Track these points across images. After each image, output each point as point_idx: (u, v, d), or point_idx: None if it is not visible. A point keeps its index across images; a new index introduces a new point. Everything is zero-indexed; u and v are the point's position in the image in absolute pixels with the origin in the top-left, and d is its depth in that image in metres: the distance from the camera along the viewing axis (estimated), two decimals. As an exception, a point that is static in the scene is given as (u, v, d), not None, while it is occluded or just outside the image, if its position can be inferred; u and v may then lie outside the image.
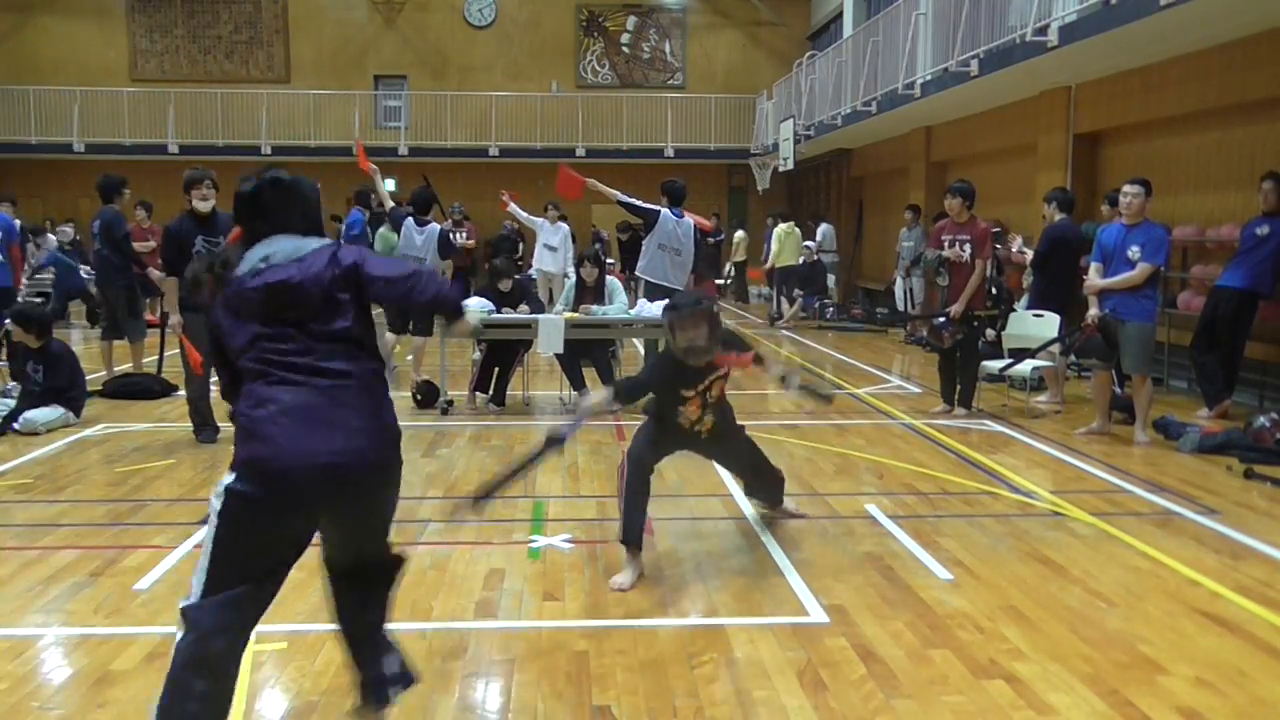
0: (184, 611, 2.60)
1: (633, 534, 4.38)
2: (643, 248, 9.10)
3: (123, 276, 9.42)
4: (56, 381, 7.59)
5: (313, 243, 2.74)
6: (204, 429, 7.16)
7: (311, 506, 2.63)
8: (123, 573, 4.43)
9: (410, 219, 9.27)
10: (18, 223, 13.37)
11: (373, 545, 2.96)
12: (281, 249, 2.70)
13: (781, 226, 16.41)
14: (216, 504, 2.59)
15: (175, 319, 6.93)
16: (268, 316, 2.65)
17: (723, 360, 4.50)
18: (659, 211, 8.85)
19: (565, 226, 15.64)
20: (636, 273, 9.34)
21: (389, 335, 9.07)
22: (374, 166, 9.71)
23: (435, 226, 9.22)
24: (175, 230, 7.00)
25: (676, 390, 4.56)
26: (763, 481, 5.21)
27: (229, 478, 2.58)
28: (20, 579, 4.37)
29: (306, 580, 4.34)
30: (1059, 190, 9.01)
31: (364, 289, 2.71)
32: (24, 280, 9.90)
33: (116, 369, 9.93)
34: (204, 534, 2.65)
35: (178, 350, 7.37)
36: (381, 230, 14.63)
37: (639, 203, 9.04)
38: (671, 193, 9.06)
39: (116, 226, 9.27)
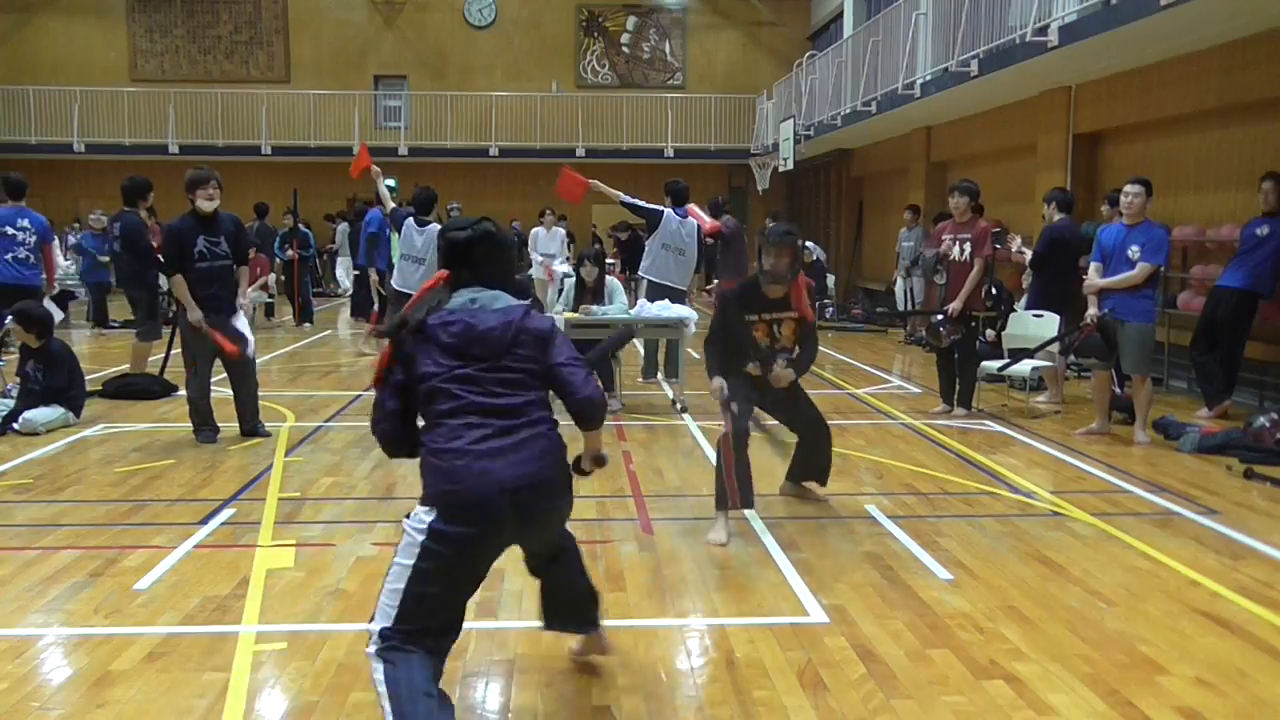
0: (382, 644, 2.75)
1: (727, 500, 4.92)
2: (646, 248, 9.13)
3: (143, 280, 9.40)
4: (56, 381, 7.59)
5: (508, 298, 3.02)
6: (203, 429, 7.16)
7: (502, 530, 2.85)
8: (123, 573, 4.43)
9: (411, 219, 9.28)
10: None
11: (554, 548, 3.31)
12: (484, 296, 2.98)
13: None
14: (416, 537, 2.77)
15: (196, 315, 6.88)
16: (463, 354, 2.88)
17: (797, 296, 5.09)
18: (662, 212, 8.90)
19: (561, 231, 15.63)
20: (640, 273, 9.36)
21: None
22: (376, 168, 9.72)
23: (435, 226, 9.23)
24: (177, 230, 6.97)
25: (744, 316, 5.12)
26: (819, 449, 5.55)
27: (426, 513, 2.78)
28: (20, 579, 4.36)
29: (306, 581, 4.35)
30: (1059, 190, 9.01)
31: (545, 354, 2.98)
32: (55, 282, 9.85)
33: (116, 369, 9.93)
34: (395, 565, 2.78)
35: (179, 350, 7.35)
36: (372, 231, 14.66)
37: (642, 203, 9.09)
38: (675, 193, 9.12)
39: (139, 237, 9.21)
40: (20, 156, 21.60)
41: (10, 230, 9.04)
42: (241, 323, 7.22)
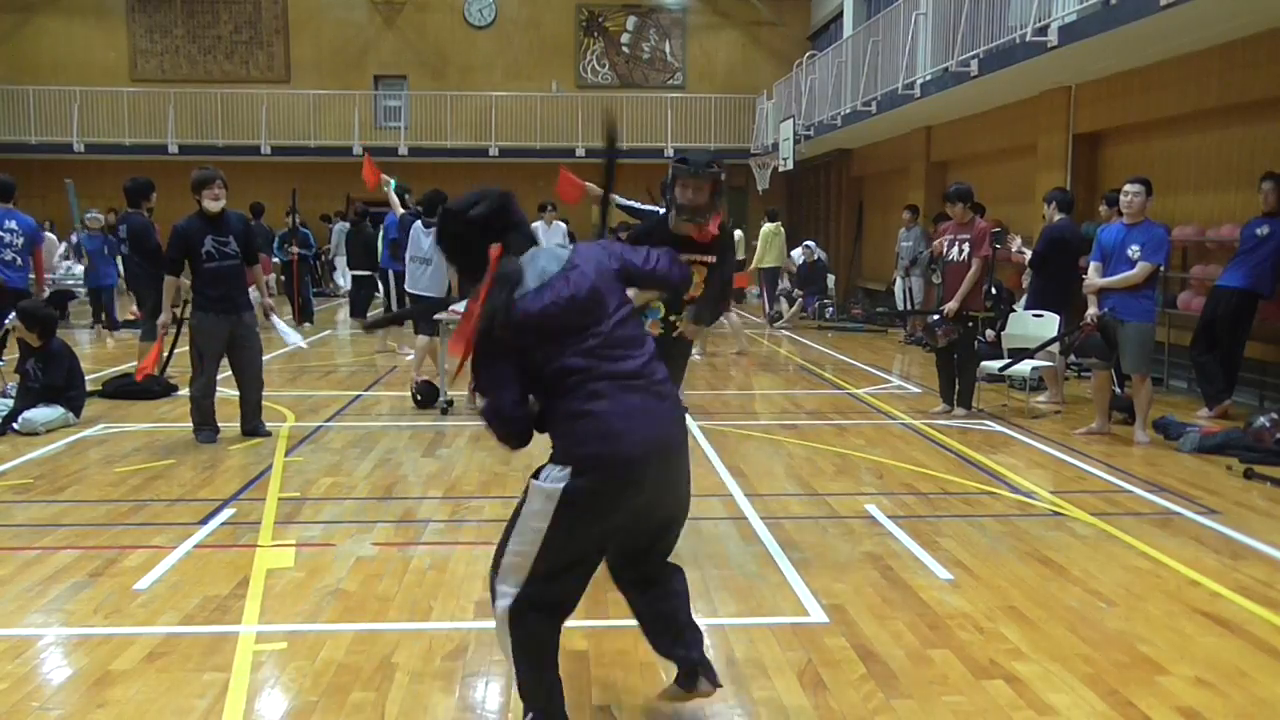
0: (513, 606, 2.77)
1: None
2: None
3: (153, 280, 9.37)
4: (54, 380, 7.59)
5: (563, 250, 2.88)
6: (203, 428, 7.16)
7: (642, 489, 2.77)
8: (123, 573, 4.43)
9: (419, 221, 9.30)
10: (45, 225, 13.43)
11: (680, 514, 3.07)
12: (548, 259, 2.82)
13: (768, 226, 16.26)
14: (548, 503, 2.70)
15: (166, 318, 6.99)
16: (571, 326, 2.75)
17: (712, 237, 4.55)
18: (658, 212, 8.88)
19: (563, 226, 15.62)
20: None
21: (421, 337, 9.06)
22: (385, 176, 9.78)
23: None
24: (184, 230, 6.99)
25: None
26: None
27: (560, 473, 2.70)
28: (20, 579, 4.36)
29: (306, 581, 4.35)
30: (1059, 190, 9.01)
31: (629, 276, 2.94)
32: (45, 286, 9.83)
33: (117, 369, 9.94)
34: (523, 528, 2.75)
35: (188, 349, 7.35)
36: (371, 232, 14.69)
37: (638, 204, 9.07)
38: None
39: (147, 237, 9.21)
40: (20, 156, 21.60)
41: None
42: (282, 327, 7.26)
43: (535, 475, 2.77)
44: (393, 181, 10.42)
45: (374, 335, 12.70)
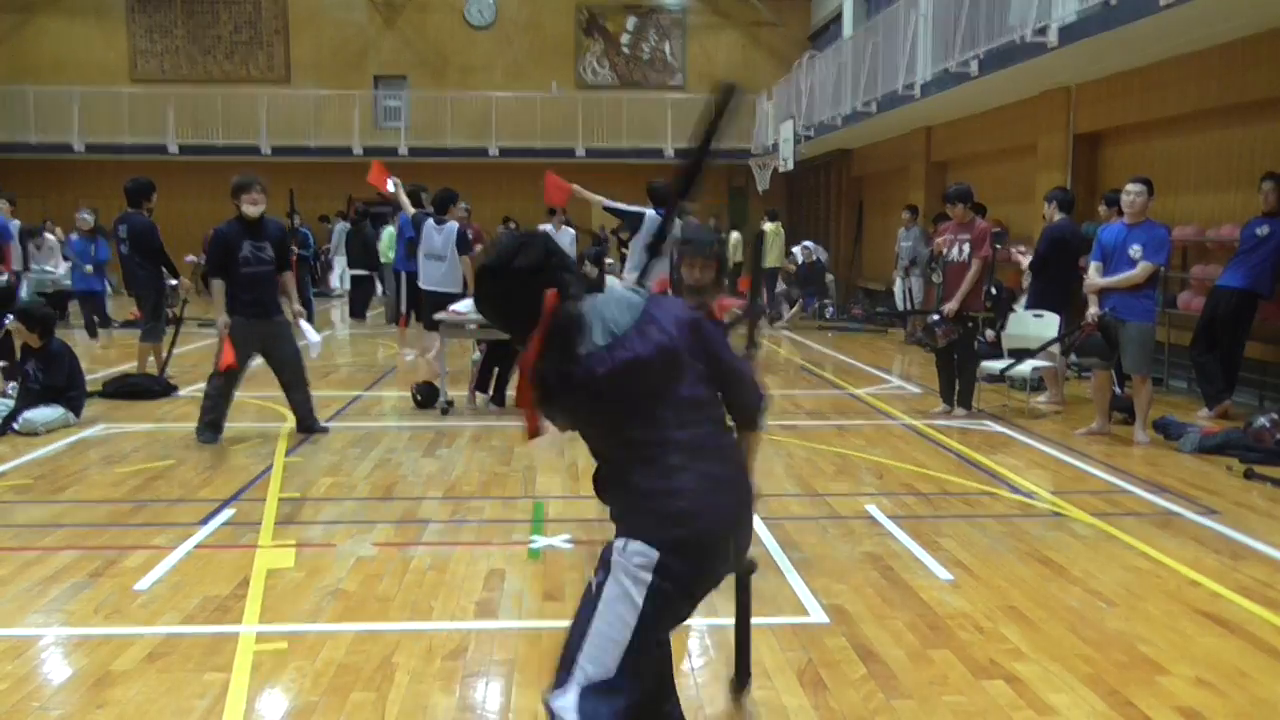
0: (604, 692, 2.32)
1: None
2: (629, 249, 9.21)
3: (152, 280, 9.39)
4: (54, 380, 7.58)
5: (635, 297, 2.45)
6: (207, 429, 7.15)
7: (729, 559, 2.52)
8: (123, 573, 4.43)
9: (430, 219, 9.35)
10: (16, 223, 13.33)
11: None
12: (617, 308, 2.40)
13: (768, 226, 16.31)
14: (638, 587, 2.33)
15: (223, 320, 6.99)
16: (646, 391, 2.38)
17: (723, 307, 4.24)
18: (644, 214, 8.97)
19: (571, 231, 15.67)
20: (625, 273, 9.45)
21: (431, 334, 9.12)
22: (395, 180, 9.85)
23: (454, 224, 9.37)
24: (224, 235, 7.06)
25: None
26: None
27: (645, 553, 2.33)
28: (20, 579, 4.36)
29: (306, 581, 4.35)
30: (1059, 190, 8.99)
31: (707, 352, 2.51)
32: (18, 275, 9.87)
33: (117, 369, 9.93)
34: (607, 614, 2.33)
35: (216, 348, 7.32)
36: (388, 229, 14.81)
37: (622, 206, 9.28)
38: (656, 194, 9.17)
39: (151, 237, 9.20)
40: (20, 156, 21.62)
41: None
42: (308, 330, 7.30)
43: (616, 551, 2.39)
44: (400, 182, 10.52)
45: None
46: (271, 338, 7.16)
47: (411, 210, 10.07)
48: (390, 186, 10.31)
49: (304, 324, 7.47)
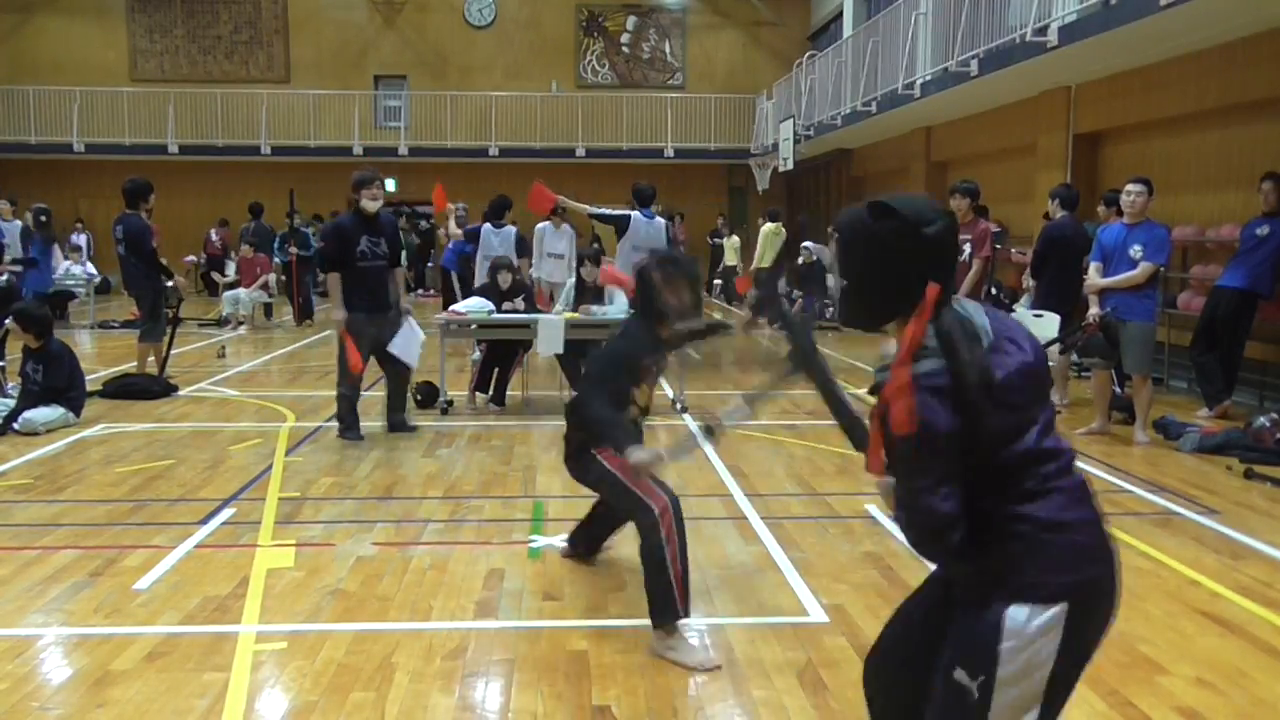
0: None
1: (677, 608, 3.69)
2: (617, 250, 9.53)
3: (149, 281, 9.39)
4: (55, 381, 7.58)
5: (976, 305, 2.10)
6: (350, 430, 7.21)
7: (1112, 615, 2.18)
8: (123, 573, 4.43)
9: (488, 224, 9.77)
10: (17, 223, 13.35)
11: None
12: (976, 312, 2.05)
13: (768, 226, 16.31)
14: (1050, 646, 1.96)
15: (340, 314, 7.06)
16: (1031, 403, 2.03)
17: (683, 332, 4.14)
18: (629, 216, 9.31)
19: (571, 231, 15.73)
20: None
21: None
22: (450, 206, 10.12)
23: (511, 228, 9.58)
24: (343, 227, 7.16)
25: (641, 365, 4.02)
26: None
27: (1046, 612, 1.95)
28: (20, 579, 4.36)
29: (306, 581, 4.35)
30: (1063, 187, 8.89)
31: None
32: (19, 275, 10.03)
33: (117, 369, 9.93)
34: (1012, 690, 1.96)
35: (339, 348, 7.26)
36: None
37: (608, 211, 9.73)
38: (641, 195, 9.57)
39: (145, 239, 9.18)
40: (20, 156, 21.63)
41: None
42: (412, 325, 7.34)
43: (1002, 622, 1.95)
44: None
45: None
46: (385, 331, 7.24)
47: (457, 232, 10.29)
48: (450, 210, 10.65)
49: (410, 321, 7.48)
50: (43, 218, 13.58)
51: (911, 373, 1.91)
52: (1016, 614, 1.94)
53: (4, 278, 11.21)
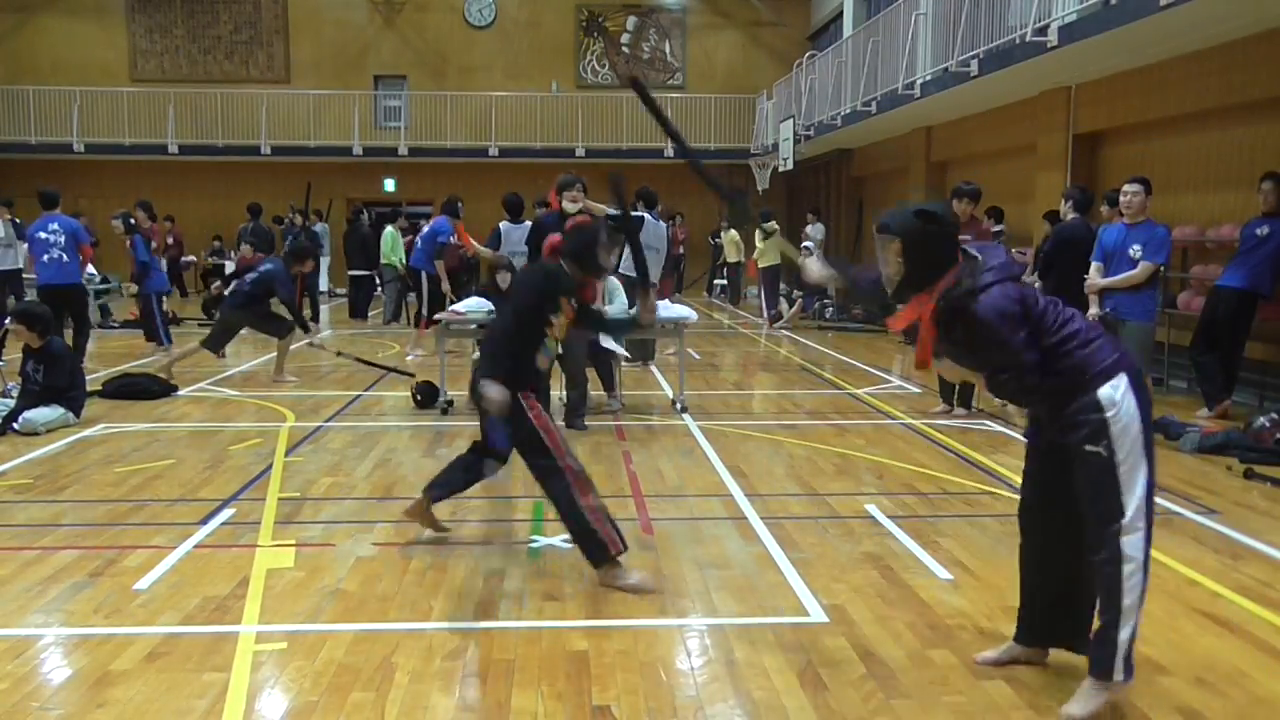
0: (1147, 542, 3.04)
1: (608, 547, 4.26)
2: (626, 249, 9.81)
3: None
4: (56, 381, 7.58)
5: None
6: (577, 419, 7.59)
7: None
8: (123, 573, 4.43)
9: (506, 222, 10.00)
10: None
11: None
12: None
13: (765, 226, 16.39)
14: (1128, 404, 3.02)
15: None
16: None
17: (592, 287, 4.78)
18: (643, 217, 9.88)
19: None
20: (620, 271, 9.79)
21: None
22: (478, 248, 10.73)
23: (528, 224, 9.69)
24: (547, 225, 7.46)
25: (558, 300, 4.47)
26: None
27: (1117, 382, 3.05)
28: (20, 579, 4.36)
29: (306, 580, 4.35)
30: (1077, 188, 8.80)
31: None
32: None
33: (116, 369, 9.93)
34: (1124, 444, 3.01)
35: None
36: (389, 229, 15.02)
37: (617, 213, 9.89)
38: (646, 197, 10.20)
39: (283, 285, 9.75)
40: (20, 156, 21.62)
41: (43, 235, 10.08)
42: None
43: (1075, 426, 3.04)
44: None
45: None
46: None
47: (489, 254, 10.45)
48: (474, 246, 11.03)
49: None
50: (131, 220, 13.46)
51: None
52: (1101, 391, 3.02)
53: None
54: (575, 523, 4.24)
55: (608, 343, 7.87)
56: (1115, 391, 3.01)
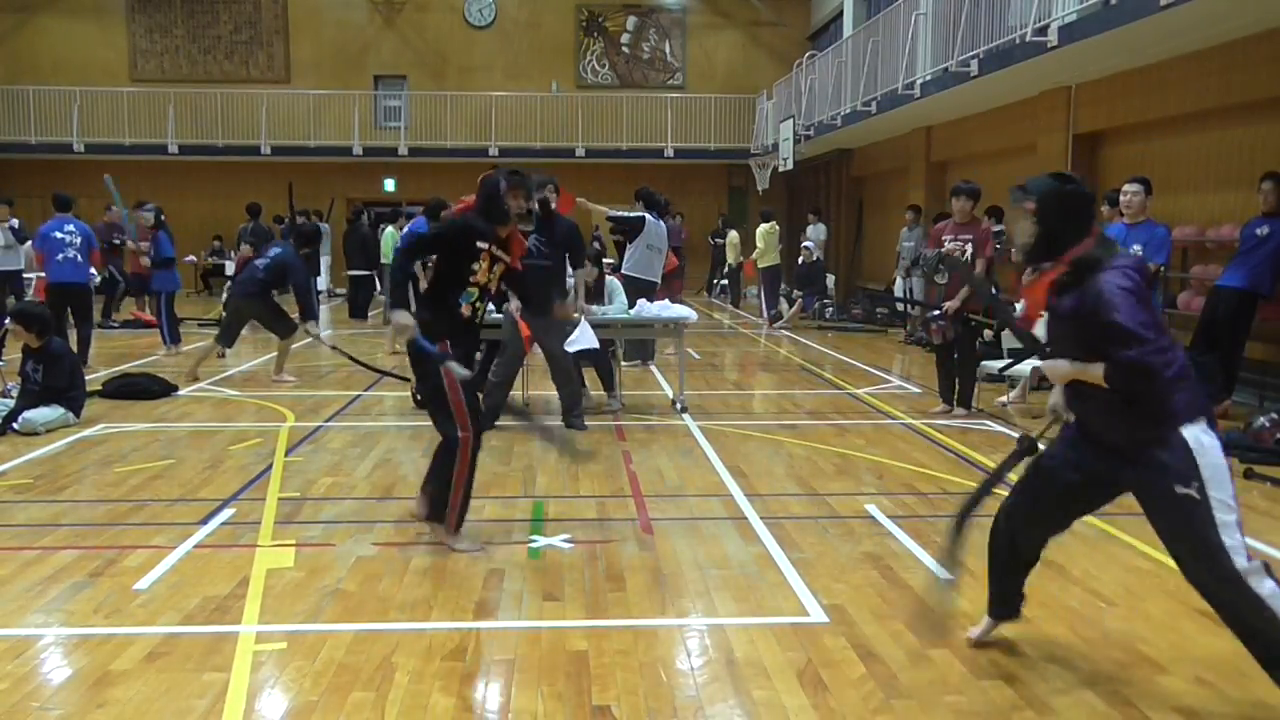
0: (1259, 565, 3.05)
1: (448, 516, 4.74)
2: (629, 249, 10.13)
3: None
4: (55, 381, 7.58)
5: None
6: (578, 420, 7.63)
7: None
8: (123, 573, 4.43)
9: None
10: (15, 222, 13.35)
11: None
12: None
13: (764, 226, 16.44)
14: (1213, 446, 3.02)
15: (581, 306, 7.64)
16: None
17: (517, 243, 4.95)
18: (644, 218, 10.17)
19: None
20: (624, 270, 9.91)
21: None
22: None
23: None
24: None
25: (474, 244, 4.73)
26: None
27: (1199, 425, 3.05)
28: (20, 579, 4.36)
29: (306, 580, 4.35)
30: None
31: None
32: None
33: (117, 369, 9.93)
34: (1219, 481, 3.01)
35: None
36: (388, 229, 14.99)
37: (625, 214, 10.44)
38: (650, 199, 10.30)
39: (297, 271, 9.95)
40: (20, 156, 21.63)
41: (59, 234, 10.39)
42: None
43: (1162, 467, 3.03)
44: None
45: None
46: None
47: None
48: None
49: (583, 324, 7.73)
50: (161, 215, 13.20)
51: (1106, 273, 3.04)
52: (1187, 432, 2.96)
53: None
54: (438, 488, 4.69)
55: (584, 340, 7.67)
56: (1199, 434, 2.99)
